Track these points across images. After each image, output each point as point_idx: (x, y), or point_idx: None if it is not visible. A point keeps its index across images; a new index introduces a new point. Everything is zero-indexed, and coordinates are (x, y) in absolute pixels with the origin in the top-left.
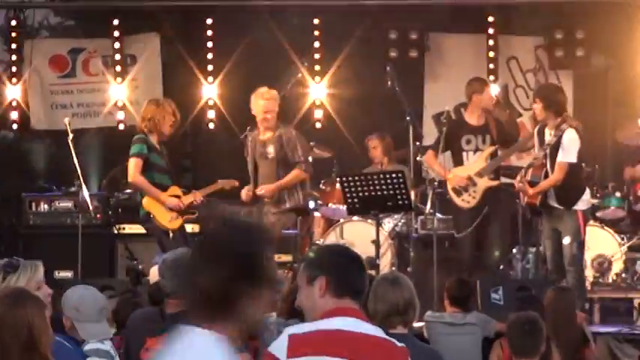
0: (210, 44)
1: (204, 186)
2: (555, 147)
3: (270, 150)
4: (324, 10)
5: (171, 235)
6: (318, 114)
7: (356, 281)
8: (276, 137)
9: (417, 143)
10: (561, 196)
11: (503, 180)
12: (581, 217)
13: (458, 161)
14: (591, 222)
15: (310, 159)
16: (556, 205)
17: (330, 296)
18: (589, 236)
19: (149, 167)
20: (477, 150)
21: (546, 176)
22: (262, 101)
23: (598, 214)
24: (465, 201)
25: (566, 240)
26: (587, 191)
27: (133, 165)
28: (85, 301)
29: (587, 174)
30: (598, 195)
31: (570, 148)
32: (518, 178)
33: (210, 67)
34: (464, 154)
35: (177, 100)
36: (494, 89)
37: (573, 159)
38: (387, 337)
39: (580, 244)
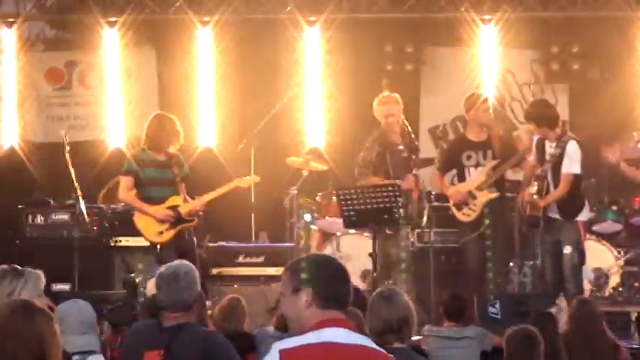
0: (206, 57)
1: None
2: (558, 159)
3: (406, 155)
4: (320, 23)
5: (158, 247)
6: (314, 127)
7: (341, 292)
8: (408, 144)
9: (413, 157)
10: (563, 208)
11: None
12: (582, 228)
13: (461, 177)
14: (588, 235)
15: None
16: (557, 217)
17: (317, 307)
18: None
19: (142, 182)
20: (478, 165)
21: (547, 188)
22: (381, 106)
23: (594, 228)
24: (465, 214)
25: (567, 249)
26: (587, 203)
27: (122, 183)
28: (70, 313)
29: (584, 187)
30: (594, 208)
31: (575, 160)
32: (528, 190)
33: (206, 80)
34: (465, 170)
35: (173, 113)
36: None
37: (578, 170)
38: (376, 347)
39: (581, 254)
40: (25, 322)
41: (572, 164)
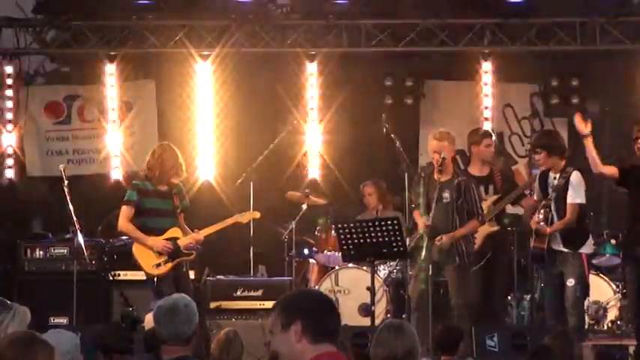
0: (205, 90)
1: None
2: (563, 189)
3: (446, 195)
4: (320, 57)
5: (155, 280)
6: (313, 160)
7: (331, 324)
8: (455, 183)
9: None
10: (567, 239)
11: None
12: (585, 261)
13: None
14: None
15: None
16: (561, 249)
17: (307, 342)
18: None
19: (142, 212)
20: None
21: (551, 219)
22: (433, 141)
23: (594, 262)
24: None
25: (570, 282)
26: (590, 236)
27: (122, 212)
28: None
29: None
30: (593, 242)
31: (579, 190)
32: (535, 218)
33: (205, 114)
34: None
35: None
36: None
37: (583, 200)
38: None
39: (584, 287)
40: (26, 353)
41: (577, 194)
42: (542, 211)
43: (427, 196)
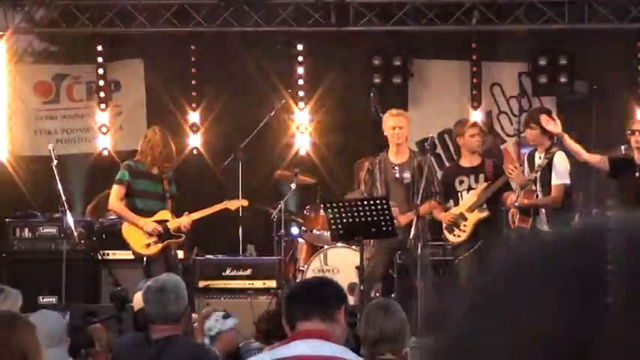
0: (194, 70)
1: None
2: (547, 170)
3: (407, 175)
4: (308, 36)
5: (145, 260)
6: (302, 140)
7: (317, 299)
8: (413, 163)
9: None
10: (552, 220)
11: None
12: None
13: (455, 202)
14: None
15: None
16: (545, 229)
17: (289, 328)
18: None
19: (132, 193)
20: (470, 189)
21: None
22: (391, 118)
23: None
24: (457, 235)
25: None
26: (577, 218)
27: (113, 192)
28: (37, 325)
29: (574, 200)
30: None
31: (563, 170)
32: (512, 197)
33: (193, 93)
34: (458, 195)
35: (160, 125)
36: (477, 116)
37: (567, 180)
38: (350, 357)
39: None
40: (9, 331)
41: (561, 175)
42: (521, 191)
43: (385, 180)
